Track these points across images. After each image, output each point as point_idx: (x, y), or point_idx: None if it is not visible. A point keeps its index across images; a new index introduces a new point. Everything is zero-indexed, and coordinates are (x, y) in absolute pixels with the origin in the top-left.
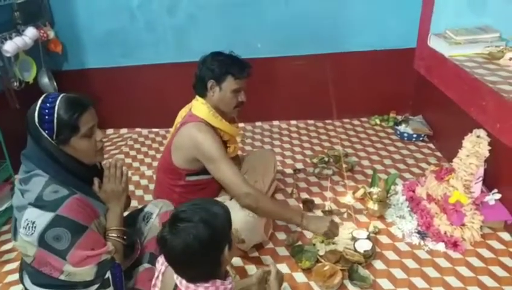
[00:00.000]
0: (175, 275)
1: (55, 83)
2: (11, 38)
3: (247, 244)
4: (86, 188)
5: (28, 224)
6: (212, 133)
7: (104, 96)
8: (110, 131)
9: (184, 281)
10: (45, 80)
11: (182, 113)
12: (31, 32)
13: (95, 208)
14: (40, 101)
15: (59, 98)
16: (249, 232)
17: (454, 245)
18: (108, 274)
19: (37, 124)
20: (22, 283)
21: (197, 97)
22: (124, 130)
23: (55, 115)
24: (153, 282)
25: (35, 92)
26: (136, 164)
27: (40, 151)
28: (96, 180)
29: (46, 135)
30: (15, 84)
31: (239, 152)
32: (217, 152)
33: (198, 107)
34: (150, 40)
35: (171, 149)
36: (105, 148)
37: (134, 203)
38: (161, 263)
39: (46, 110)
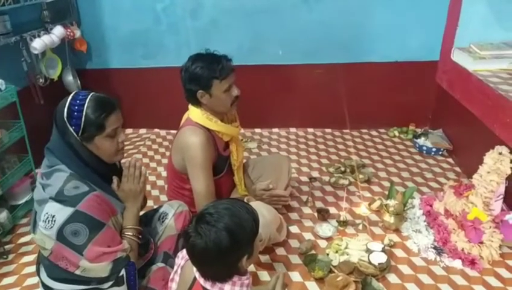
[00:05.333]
0: (194, 269)
1: (78, 81)
2: (39, 36)
3: (262, 243)
4: (106, 185)
5: (47, 218)
6: (205, 139)
7: (125, 96)
8: (129, 131)
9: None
10: (69, 78)
11: (184, 117)
12: (58, 31)
13: (113, 205)
14: (70, 98)
15: (89, 96)
16: (262, 229)
17: (472, 263)
18: (123, 272)
19: (65, 119)
20: (38, 275)
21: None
22: (143, 130)
23: (84, 113)
24: (171, 276)
25: (59, 89)
26: (153, 164)
27: (64, 145)
28: (115, 179)
29: (72, 131)
30: (40, 80)
31: (253, 156)
32: (200, 159)
33: (193, 111)
34: (172, 43)
35: (171, 153)
36: (125, 148)
37: (150, 203)
38: (181, 257)
39: (76, 107)
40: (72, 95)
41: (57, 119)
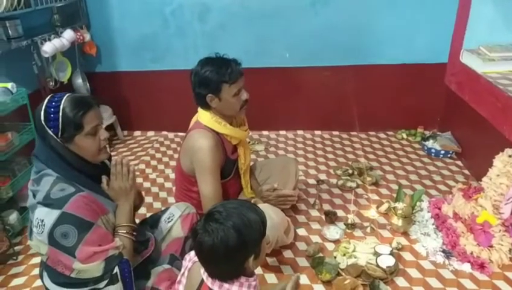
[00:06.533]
0: (202, 270)
1: (88, 84)
2: (50, 39)
3: (270, 245)
4: (94, 185)
5: (38, 223)
6: (213, 143)
7: (134, 99)
8: (137, 133)
9: (210, 278)
10: (79, 81)
11: (193, 120)
12: (68, 35)
13: (103, 205)
14: (46, 101)
15: (65, 97)
16: (270, 231)
17: (481, 267)
18: (116, 269)
19: (43, 122)
20: (42, 280)
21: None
22: (151, 133)
23: (61, 114)
24: (178, 278)
25: (69, 92)
26: (161, 167)
27: (47, 150)
28: (104, 178)
29: (51, 133)
30: (51, 83)
31: (261, 159)
32: (209, 163)
33: (202, 114)
34: (180, 46)
35: (180, 156)
36: (133, 150)
37: (158, 205)
38: (188, 259)
39: (52, 109)
40: (47, 98)
41: (36, 124)
